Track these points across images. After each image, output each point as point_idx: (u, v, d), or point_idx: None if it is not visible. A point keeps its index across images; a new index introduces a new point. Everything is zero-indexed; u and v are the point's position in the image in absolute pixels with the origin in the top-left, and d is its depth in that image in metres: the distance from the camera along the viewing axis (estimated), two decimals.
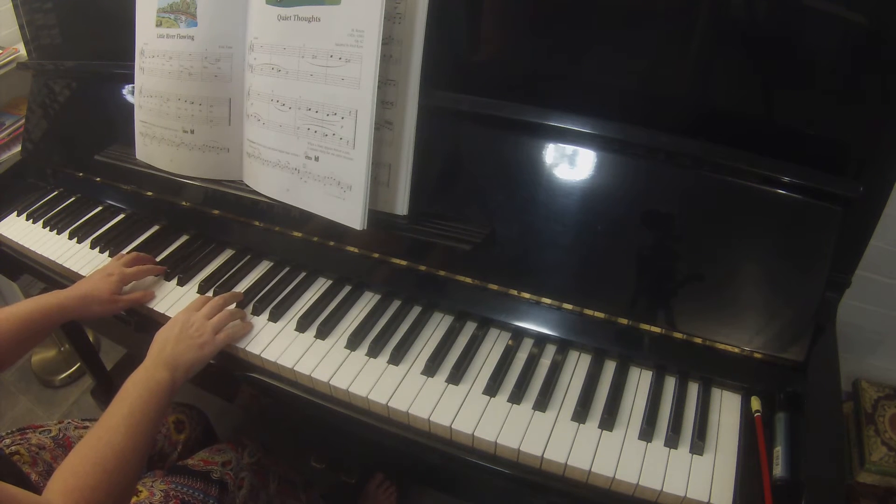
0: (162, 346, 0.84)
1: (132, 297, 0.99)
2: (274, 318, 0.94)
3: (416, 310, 0.95)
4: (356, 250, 0.98)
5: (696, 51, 0.82)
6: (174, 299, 1.01)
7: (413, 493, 1.51)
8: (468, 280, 0.91)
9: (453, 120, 0.91)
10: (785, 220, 0.79)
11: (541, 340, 0.89)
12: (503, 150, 0.89)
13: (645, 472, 0.72)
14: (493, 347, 0.88)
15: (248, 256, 1.08)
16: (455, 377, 0.83)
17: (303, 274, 1.02)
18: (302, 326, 0.92)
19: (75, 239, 1.18)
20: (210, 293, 1.01)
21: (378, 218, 0.92)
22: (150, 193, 1.18)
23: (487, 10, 0.92)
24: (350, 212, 0.89)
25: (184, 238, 1.14)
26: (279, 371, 0.88)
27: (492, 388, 0.82)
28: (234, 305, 0.95)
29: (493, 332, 0.91)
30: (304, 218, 0.99)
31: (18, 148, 1.52)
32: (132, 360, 1.85)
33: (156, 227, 1.18)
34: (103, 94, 1.26)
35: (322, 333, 0.91)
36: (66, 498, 0.63)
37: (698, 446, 0.75)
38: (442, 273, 0.92)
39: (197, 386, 1.09)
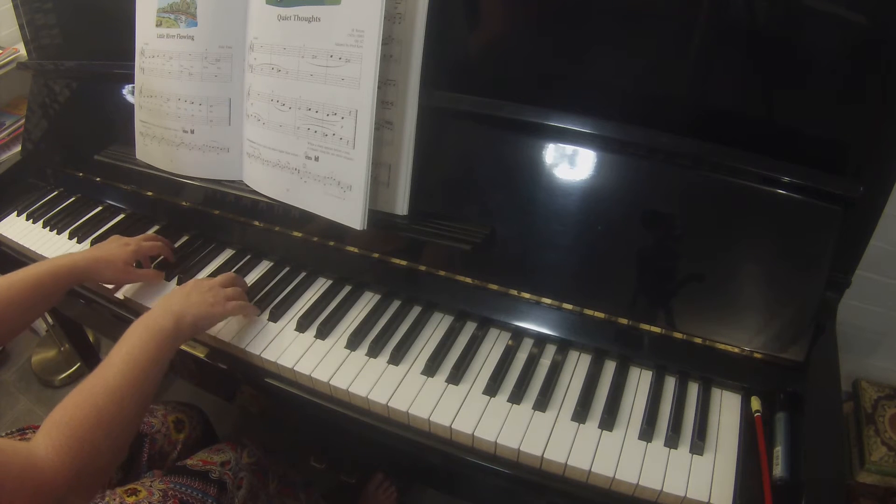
0: (170, 299, 0.82)
1: (144, 273, 0.99)
2: (274, 318, 0.94)
3: (416, 310, 0.95)
4: (356, 250, 0.98)
5: (696, 51, 0.82)
6: None
7: (413, 493, 1.51)
8: (468, 280, 0.91)
9: (453, 120, 0.91)
10: (785, 220, 0.79)
11: (541, 340, 0.89)
12: (503, 149, 0.89)
13: (645, 472, 0.73)
14: (493, 347, 0.88)
15: (248, 256, 1.08)
16: (455, 377, 0.83)
17: (303, 274, 1.02)
18: (302, 326, 0.92)
19: (75, 239, 1.18)
20: None
21: (378, 218, 0.92)
22: (150, 193, 1.18)
23: (487, 9, 0.92)
24: (350, 212, 0.89)
25: (184, 238, 1.14)
26: (279, 371, 0.88)
27: (492, 388, 0.82)
28: None
29: (493, 332, 0.91)
30: (304, 218, 0.99)
31: (18, 148, 1.52)
32: None
33: (156, 227, 1.18)
34: (103, 94, 1.25)
35: (322, 333, 0.91)
36: (51, 433, 0.59)
37: (698, 446, 0.75)
38: (442, 273, 0.92)
39: (197, 386, 1.09)
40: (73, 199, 1.29)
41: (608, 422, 0.77)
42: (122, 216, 1.22)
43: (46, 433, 0.60)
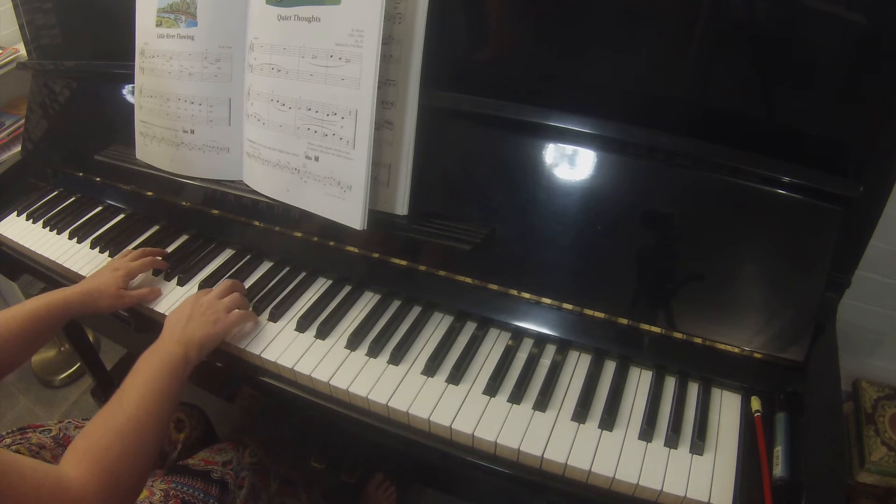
0: (174, 326, 0.84)
1: (139, 293, 0.99)
2: (274, 318, 0.94)
3: (416, 310, 0.95)
4: (356, 250, 0.98)
5: (696, 51, 0.82)
6: (174, 299, 1.01)
7: (413, 493, 1.51)
8: (468, 280, 0.91)
9: (453, 120, 0.91)
10: (785, 220, 0.79)
11: (541, 340, 0.89)
12: (503, 150, 0.89)
13: (645, 472, 0.73)
14: (493, 347, 0.88)
15: (249, 256, 1.08)
16: (455, 377, 0.83)
17: (303, 274, 1.02)
18: (302, 326, 0.92)
19: (75, 239, 1.18)
20: None
21: (378, 218, 0.92)
22: (150, 193, 1.17)
23: (487, 9, 0.92)
24: (350, 212, 0.89)
25: (184, 238, 1.14)
26: (279, 371, 0.88)
27: (492, 388, 0.82)
28: None
29: (493, 332, 0.91)
30: (304, 218, 0.99)
31: (18, 148, 1.52)
32: (132, 360, 1.84)
33: (156, 227, 1.18)
34: (103, 94, 1.25)
35: (322, 333, 0.91)
36: (78, 460, 0.62)
37: (698, 446, 0.75)
38: (442, 273, 0.92)
39: (197, 386, 1.09)
40: (73, 199, 1.29)
41: (608, 422, 0.77)
42: (122, 216, 1.22)
43: (73, 462, 0.62)
